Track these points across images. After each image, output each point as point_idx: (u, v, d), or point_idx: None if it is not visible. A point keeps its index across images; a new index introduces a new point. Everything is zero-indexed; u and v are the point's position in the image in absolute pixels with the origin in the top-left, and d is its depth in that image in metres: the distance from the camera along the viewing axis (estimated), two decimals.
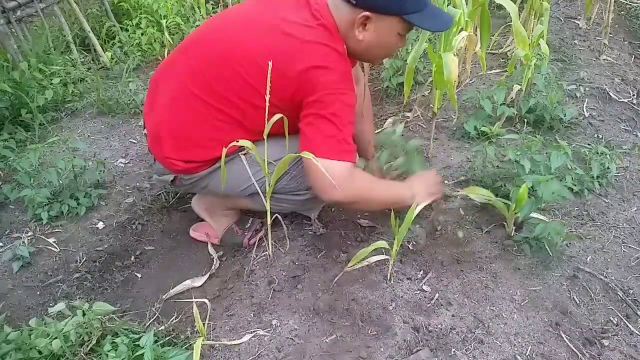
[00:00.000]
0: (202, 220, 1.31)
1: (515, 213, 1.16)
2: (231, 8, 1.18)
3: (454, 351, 0.94)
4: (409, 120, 1.73)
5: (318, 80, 0.94)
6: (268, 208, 1.07)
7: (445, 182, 1.42)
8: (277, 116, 0.93)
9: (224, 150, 0.94)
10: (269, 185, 1.03)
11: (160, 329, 1.02)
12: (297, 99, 0.97)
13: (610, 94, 1.83)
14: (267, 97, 0.91)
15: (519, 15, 1.75)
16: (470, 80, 1.91)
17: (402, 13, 0.96)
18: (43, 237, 1.33)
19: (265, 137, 0.96)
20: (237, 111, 1.01)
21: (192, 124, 1.03)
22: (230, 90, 0.99)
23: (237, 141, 0.95)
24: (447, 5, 1.33)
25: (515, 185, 1.21)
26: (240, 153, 1.06)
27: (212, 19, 1.15)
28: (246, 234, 1.26)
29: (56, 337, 0.89)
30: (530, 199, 1.13)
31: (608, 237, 1.23)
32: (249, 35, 0.99)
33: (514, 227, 1.21)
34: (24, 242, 1.30)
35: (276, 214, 1.14)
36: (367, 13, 0.95)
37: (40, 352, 0.89)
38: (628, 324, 1.02)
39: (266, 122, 0.94)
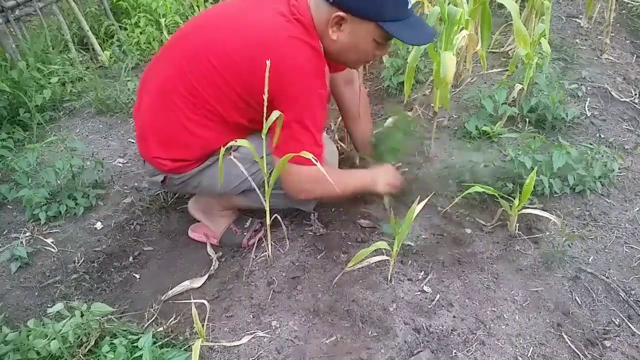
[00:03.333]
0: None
1: (519, 210, 1.15)
2: (215, 5, 1.18)
3: (455, 352, 0.93)
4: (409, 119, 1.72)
5: (291, 76, 0.93)
6: (267, 208, 1.07)
7: (450, 181, 1.41)
8: (276, 114, 0.92)
9: (222, 150, 0.94)
10: (268, 185, 1.02)
11: (158, 330, 1.01)
12: (270, 94, 0.93)
13: (612, 93, 1.82)
14: (265, 97, 0.90)
15: (520, 14, 1.74)
16: (472, 79, 1.90)
17: (379, 20, 0.93)
18: (41, 237, 1.32)
19: (263, 136, 0.95)
20: (219, 108, 1.01)
21: (176, 122, 1.02)
22: (210, 87, 0.99)
23: (236, 141, 0.94)
24: (448, 4, 1.32)
25: (518, 182, 1.21)
26: (231, 150, 1.05)
27: (195, 17, 1.15)
28: (245, 233, 1.25)
29: (54, 338, 0.88)
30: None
31: (610, 238, 1.22)
32: (225, 32, 0.99)
33: (517, 226, 1.21)
34: (21, 242, 1.29)
35: (275, 215, 1.13)
36: (341, 13, 0.93)
37: (38, 353, 0.88)
38: (630, 325, 1.01)
39: (264, 120, 0.93)
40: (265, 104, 0.91)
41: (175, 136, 1.04)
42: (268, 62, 0.88)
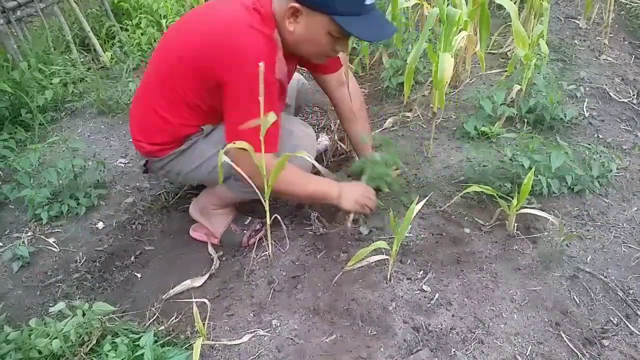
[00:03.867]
0: None
1: (517, 210, 1.16)
2: (200, 5, 1.25)
3: (454, 351, 0.94)
4: (409, 120, 1.73)
5: (237, 62, 0.95)
6: (267, 208, 1.07)
7: (449, 181, 1.42)
8: (272, 116, 0.94)
9: (221, 154, 0.95)
10: (268, 185, 1.03)
11: (160, 329, 1.02)
12: (220, 79, 0.97)
13: (611, 93, 1.83)
14: (261, 99, 0.91)
15: (519, 15, 1.75)
16: (471, 80, 1.91)
17: (331, 13, 0.93)
18: (43, 237, 1.33)
19: (261, 138, 0.96)
20: (185, 97, 1.06)
21: (150, 109, 1.10)
22: (177, 77, 1.04)
23: (234, 143, 0.97)
24: (447, 6, 1.33)
25: (516, 182, 1.22)
26: (201, 137, 1.10)
27: (181, 18, 1.21)
28: (245, 232, 1.26)
29: (56, 337, 0.89)
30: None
31: (608, 237, 1.23)
32: (193, 25, 1.05)
33: (515, 226, 1.21)
34: (23, 242, 1.30)
35: (275, 215, 1.14)
36: (296, 5, 0.95)
37: (40, 352, 0.89)
38: (628, 324, 1.01)
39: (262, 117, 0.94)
40: (261, 106, 0.92)
41: (149, 122, 1.11)
42: (261, 65, 0.88)
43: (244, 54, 0.95)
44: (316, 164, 1.10)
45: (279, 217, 1.15)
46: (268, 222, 1.10)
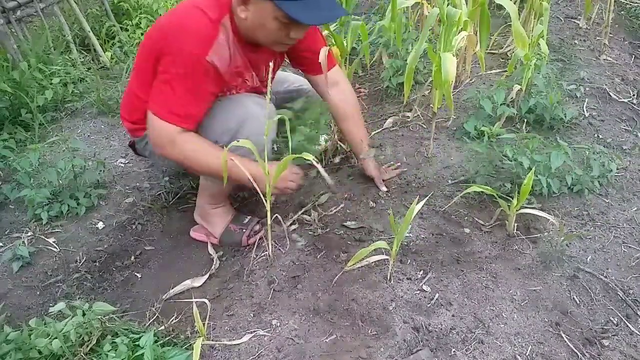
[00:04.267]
0: None
1: (517, 210, 1.16)
2: None
3: (454, 351, 0.94)
4: (409, 120, 1.73)
5: (172, 38, 1.00)
6: (268, 208, 1.07)
7: (449, 181, 1.42)
8: (278, 115, 0.94)
9: (224, 154, 0.95)
10: (268, 185, 1.03)
11: (160, 329, 1.02)
12: (157, 52, 1.03)
13: (611, 93, 1.83)
14: (269, 90, 0.91)
15: (519, 15, 1.75)
16: (470, 80, 1.91)
17: None
18: (43, 237, 1.33)
19: (265, 136, 0.96)
20: (149, 80, 1.08)
21: (130, 89, 1.19)
22: (142, 62, 1.11)
23: (238, 141, 0.97)
24: (448, 6, 1.33)
25: (516, 182, 1.22)
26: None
27: None
28: (244, 230, 1.26)
29: (56, 337, 0.89)
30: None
31: (608, 237, 1.23)
32: (169, 12, 1.12)
33: (515, 226, 1.21)
34: (23, 242, 1.30)
35: (276, 215, 1.14)
36: None
37: (40, 352, 0.89)
38: (628, 324, 1.01)
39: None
40: (268, 96, 0.94)
41: (128, 100, 1.21)
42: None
43: (180, 31, 1.00)
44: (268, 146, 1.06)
45: (279, 216, 1.15)
46: (269, 221, 1.10)
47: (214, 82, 1.05)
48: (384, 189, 1.39)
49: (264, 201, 1.06)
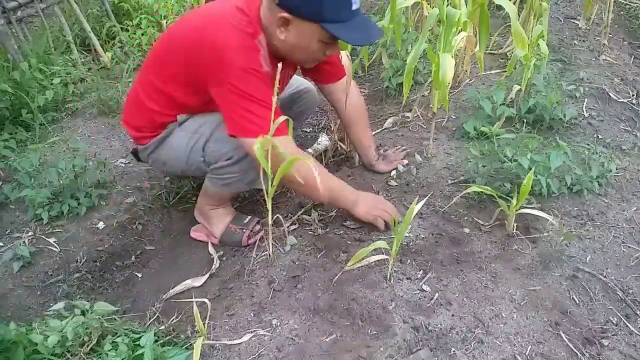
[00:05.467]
0: None
1: (517, 210, 1.16)
2: (199, 6, 1.35)
3: (453, 351, 0.94)
4: (408, 120, 1.74)
5: (223, 57, 0.98)
6: (269, 207, 1.08)
7: (449, 181, 1.42)
8: (282, 118, 0.95)
9: (258, 145, 0.94)
10: (272, 185, 1.03)
11: (160, 328, 1.02)
12: (204, 74, 1.02)
13: (610, 94, 1.83)
14: (275, 99, 0.92)
15: (519, 15, 1.75)
16: (470, 80, 1.92)
17: (320, 21, 0.96)
18: (43, 237, 1.33)
19: (270, 136, 0.96)
20: (167, 88, 1.10)
21: (135, 93, 1.17)
22: (167, 71, 1.10)
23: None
24: (447, 6, 1.34)
25: (516, 182, 1.22)
26: (177, 126, 1.14)
27: (182, 16, 1.31)
28: (244, 231, 1.26)
29: (56, 337, 0.89)
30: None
31: (608, 237, 1.23)
32: (187, 24, 1.09)
33: (515, 226, 1.22)
34: (24, 242, 1.30)
35: (277, 215, 1.14)
36: (286, 14, 0.97)
37: (40, 352, 0.89)
38: (627, 324, 1.02)
39: (272, 121, 0.94)
40: (274, 105, 0.94)
41: (133, 104, 1.20)
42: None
43: (231, 51, 0.98)
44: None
45: (279, 216, 1.15)
46: (270, 221, 1.11)
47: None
48: (405, 162, 1.45)
49: (266, 200, 1.07)
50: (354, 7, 0.98)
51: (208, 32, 1.01)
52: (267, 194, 1.05)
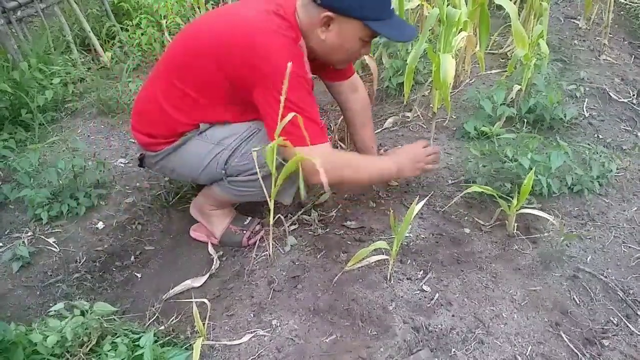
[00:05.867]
0: None
1: (517, 210, 1.16)
2: (219, 7, 1.29)
3: (454, 351, 0.94)
4: (409, 120, 1.73)
5: (268, 63, 0.96)
6: (272, 207, 1.07)
7: (449, 181, 1.42)
8: (291, 115, 0.93)
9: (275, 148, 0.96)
10: (274, 185, 1.03)
11: (160, 329, 1.02)
12: (249, 81, 0.99)
13: (610, 94, 1.83)
14: (282, 98, 0.92)
15: (519, 15, 1.75)
16: (470, 80, 1.92)
17: (364, 19, 0.98)
18: (43, 237, 1.33)
19: (276, 136, 0.96)
20: (197, 95, 1.07)
21: (153, 98, 1.11)
22: (194, 77, 1.06)
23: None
24: (447, 6, 1.33)
25: (516, 182, 1.22)
26: (196, 134, 1.11)
27: (202, 15, 1.26)
28: (244, 232, 1.26)
29: (56, 337, 0.89)
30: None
31: (608, 237, 1.23)
32: (215, 28, 1.06)
33: (515, 226, 1.21)
34: (23, 242, 1.30)
35: (279, 215, 1.14)
36: (330, 13, 0.98)
37: (39, 352, 0.89)
38: (628, 324, 1.01)
39: (279, 120, 0.94)
40: (281, 104, 0.93)
41: (149, 111, 1.13)
42: (289, 65, 0.89)
43: (276, 56, 0.96)
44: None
45: (281, 217, 1.15)
46: (271, 222, 1.10)
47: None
48: None
49: (268, 201, 1.06)
50: (392, 6, 1.02)
51: (250, 38, 0.97)
52: (269, 197, 1.05)
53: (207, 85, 1.05)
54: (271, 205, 1.06)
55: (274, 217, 1.10)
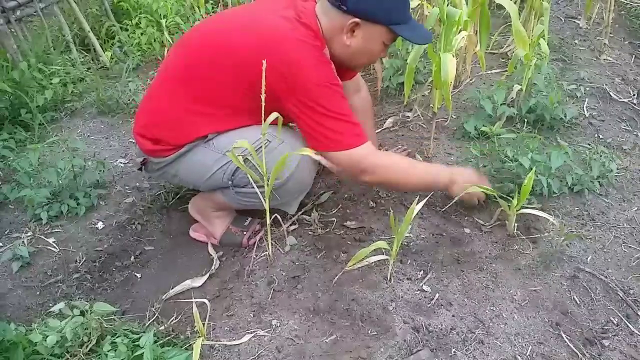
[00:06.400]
0: None
1: (518, 210, 1.16)
2: (230, 9, 1.24)
3: (454, 351, 0.94)
4: (409, 120, 1.73)
5: (299, 73, 0.97)
6: (267, 208, 1.07)
7: None
8: (274, 115, 0.94)
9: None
10: (267, 185, 1.03)
11: (160, 329, 1.02)
12: (276, 92, 0.97)
13: (611, 93, 1.83)
14: (263, 97, 0.92)
15: (519, 14, 1.74)
16: (471, 80, 1.91)
17: (388, 23, 1.01)
18: (43, 237, 1.33)
19: (262, 135, 0.96)
20: (216, 100, 1.05)
21: (167, 105, 1.08)
22: (210, 86, 1.04)
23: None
24: (448, 6, 1.33)
25: (516, 182, 1.21)
26: (203, 142, 1.09)
27: (209, 18, 1.22)
28: (244, 233, 1.26)
29: (55, 337, 0.89)
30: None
31: (608, 237, 1.23)
32: (235, 33, 1.03)
33: (515, 226, 1.21)
34: (23, 242, 1.30)
35: (275, 214, 1.14)
36: (357, 20, 1.00)
37: (39, 353, 0.89)
38: (628, 324, 1.01)
39: (263, 120, 0.94)
40: (262, 104, 0.92)
41: (163, 118, 1.09)
42: (264, 62, 0.89)
43: (306, 65, 0.97)
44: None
45: (278, 217, 1.15)
46: (268, 222, 1.10)
47: None
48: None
49: (263, 201, 1.06)
50: (409, 10, 1.06)
51: (280, 48, 0.96)
52: (264, 198, 1.04)
53: (222, 95, 1.03)
54: (266, 205, 1.06)
55: (271, 217, 1.10)
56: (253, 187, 1.06)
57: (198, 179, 1.14)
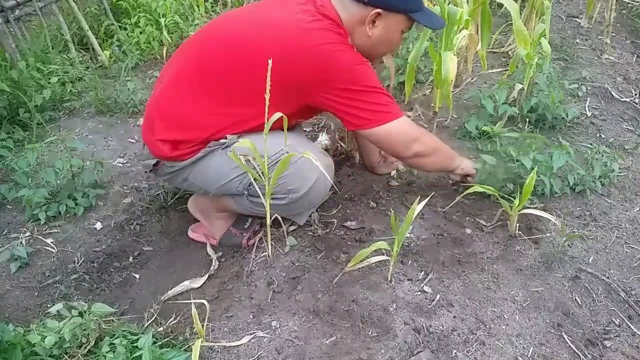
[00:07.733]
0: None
1: (519, 210, 1.15)
2: (245, 6, 1.28)
3: (455, 353, 0.93)
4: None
5: (331, 62, 0.99)
6: (268, 208, 1.06)
7: (450, 181, 1.41)
8: (277, 115, 0.93)
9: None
10: (269, 184, 1.02)
11: (158, 330, 1.01)
12: (312, 81, 1.00)
13: (613, 93, 1.82)
14: (267, 96, 0.90)
15: (520, 13, 1.74)
16: (472, 79, 1.91)
17: (409, 12, 1.06)
18: (41, 237, 1.32)
19: (265, 134, 0.95)
20: (236, 104, 1.04)
21: (187, 107, 1.05)
22: (235, 83, 1.03)
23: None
24: (449, 4, 1.32)
25: (518, 182, 1.21)
26: (221, 147, 1.06)
27: (223, 16, 1.22)
28: (244, 234, 1.25)
29: (54, 338, 0.88)
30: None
31: (610, 238, 1.22)
32: (249, 27, 1.03)
33: (517, 226, 1.21)
34: (21, 242, 1.29)
35: (275, 214, 1.13)
36: (379, 10, 1.03)
37: (37, 354, 0.88)
38: (630, 325, 1.01)
39: (266, 120, 0.93)
40: (266, 103, 0.91)
41: (183, 121, 1.06)
42: (270, 62, 0.88)
43: (336, 58, 0.99)
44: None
45: (278, 217, 1.14)
46: (268, 222, 1.09)
47: None
48: (401, 167, 1.46)
49: (263, 202, 1.06)
50: None
51: (309, 42, 0.97)
52: (264, 196, 1.04)
53: (249, 94, 1.01)
54: (267, 205, 1.05)
55: (271, 218, 1.09)
56: (271, 199, 1.05)
57: (211, 184, 1.10)
